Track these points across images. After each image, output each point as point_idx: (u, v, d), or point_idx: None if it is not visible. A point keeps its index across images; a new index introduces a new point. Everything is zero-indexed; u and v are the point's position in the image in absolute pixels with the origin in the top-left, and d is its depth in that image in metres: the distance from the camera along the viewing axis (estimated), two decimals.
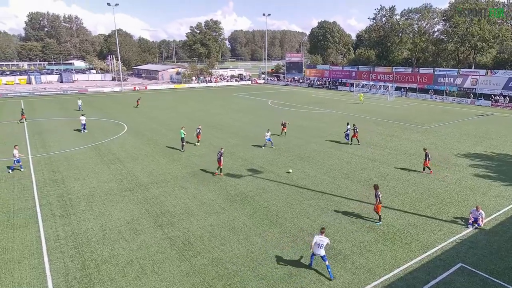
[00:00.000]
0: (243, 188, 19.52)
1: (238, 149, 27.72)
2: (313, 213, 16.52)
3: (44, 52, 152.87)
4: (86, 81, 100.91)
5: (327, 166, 23.55)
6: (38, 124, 37.97)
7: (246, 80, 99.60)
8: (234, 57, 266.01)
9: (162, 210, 16.88)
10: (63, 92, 72.49)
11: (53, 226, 15.27)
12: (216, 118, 41.49)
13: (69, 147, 28.29)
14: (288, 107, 50.61)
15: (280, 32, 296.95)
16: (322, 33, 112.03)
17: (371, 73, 75.69)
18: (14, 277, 11.81)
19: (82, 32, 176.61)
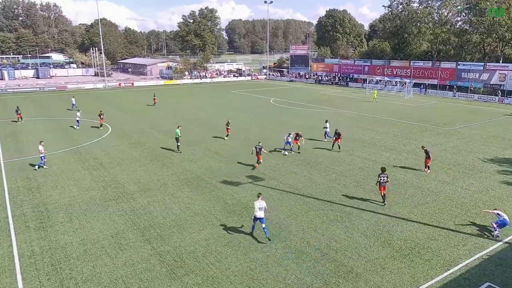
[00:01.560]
0: (242, 197, 19.50)
1: (236, 153, 27.72)
2: (321, 226, 16.49)
3: (18, 44, 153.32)
4: (65, 77, 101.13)
5: (336, 172, 23.54)
6: (12, 125, 38.01)
7: (245, 75, 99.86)
8: (232, 50, 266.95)
9: (151, 222, 16.85)
10: (39, 89, 72.71)
11: (27, 240, 15.25)
12: (211, 118, 41.52)
13: (47, 150, 28.24)
14: (293, 106, 50.68)
15: (283, 21, 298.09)
16: (331, 23, 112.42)
17: (386, 67, 75.90)
18: None
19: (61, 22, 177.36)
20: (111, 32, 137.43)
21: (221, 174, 23.07)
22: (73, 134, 33.65)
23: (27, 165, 24.76)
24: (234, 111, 46.24)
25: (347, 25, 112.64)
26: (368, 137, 32.97)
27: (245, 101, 55.56)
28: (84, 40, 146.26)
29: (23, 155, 27.26)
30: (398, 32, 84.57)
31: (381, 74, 75.01)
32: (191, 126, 36.93)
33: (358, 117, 42.44)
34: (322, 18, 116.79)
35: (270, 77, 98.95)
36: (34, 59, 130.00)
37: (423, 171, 23.54)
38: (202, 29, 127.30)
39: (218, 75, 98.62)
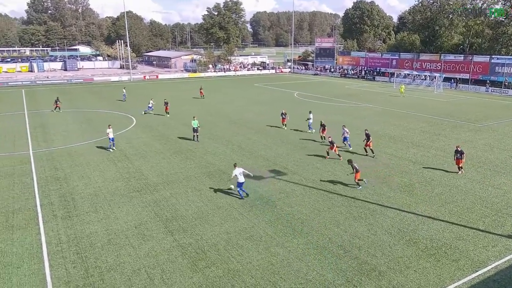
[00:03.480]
0: (264, 191, 19.56)
1: (259, 147, 27.78)
2: (344, 222, 16.37)
3: (47, 37, 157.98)
4: (92, 69, 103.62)
5: (361, 168, 23.13)
6: (40, 116, 39.32)
7: (269, 68, 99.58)
8: (256, 43, 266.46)
9: (173, 214, 17.15)
10: (67, 81, 74.77)
11: (55, 228, 15.81)
12: (234, 111, 41.69)
13: (73, 141, 29.17)
14: (318, 100, 50.25)
15: (309, 13, 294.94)
16: (358, 15, 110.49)
17: (415, 61, 74.11)
18: (13, 283, 12.30)
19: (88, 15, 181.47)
20: (136, 25, 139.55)
21: (243, 167, 23.12)
22: (99, 126, 34.49)
23: (54, 155, 25.60)
24: (257, 104, 46.26)
25: (375, 17, 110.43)
26: (395, 132, 32.36)
27: (269, 95, 55.46)
28: (110, 33, 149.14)
29: (51, 145, 28.18)
30: (429, 24, 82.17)
31: (410, 68, 73.26)
32: (213, 119, 37.20)
33: (385, 112, 41.68)
34: (349, 10, 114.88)
35: (295, 70, 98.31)
36: (62, 51, 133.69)
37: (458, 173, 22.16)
38: (226, 21, 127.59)
39: (242, 68, 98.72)
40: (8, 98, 53.17)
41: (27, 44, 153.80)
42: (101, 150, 26.87)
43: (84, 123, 35.92)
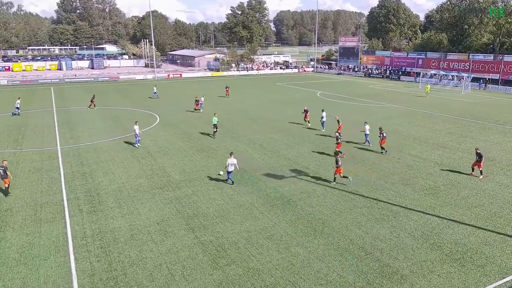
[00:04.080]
0: (285, 191, 19.52)
1: (280, 146, 27.72)
2: (366, 224, 16.15)
3: (75, 36, 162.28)
4: (118, 67, 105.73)
5: (384, 169, 22.90)
6: (68, 113, 40.43)
7: (292, 68, 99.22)
8: (279, 42, 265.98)
9: (195, 211, 17.33)
10: (93, 79, 76.58)
11: (80, 222, 16.24)
12: (256, 110, 41.74)
13: (99, 138, 29.86)
14: (341, 100, 49.74)
15: (333, 12, 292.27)
16: (384, 14, 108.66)
17: (442, 60, 72.36)
18: (40, 274, 12.71)
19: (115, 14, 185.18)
20: (161, 24, 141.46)
21: (264, 166, 23.20)
22: (124, 124, 35.18)
23: (81, 151, 26.28)
24: (279, 103, 46.17)
25: (401, 16, 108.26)
26: (420, 133, 31.69)
27: (291, 94, 55.27)
28: (136, 32, 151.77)
29: (78, 142, 28.93)
30: (457, 23, 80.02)
31: (437, 68, 71.56)
32: (235, 118, 37.34)
33: (409, 113, 40.87)
34: (374, 8, 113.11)
35: (318, 69, 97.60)
36: (90, 50, 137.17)
37: (479, 178, 21.41)
38: (250, 20, 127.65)
39: (265, 67, 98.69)
40: (38, 95, 54.90)
41: (56, 43, 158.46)
42: (125, 147, 27.40)
43: (109, 121, 36.70)
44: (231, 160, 20.07)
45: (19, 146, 27.58)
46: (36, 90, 61.12)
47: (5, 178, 18.76)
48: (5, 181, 18.81)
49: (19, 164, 23.70)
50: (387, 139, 26.58)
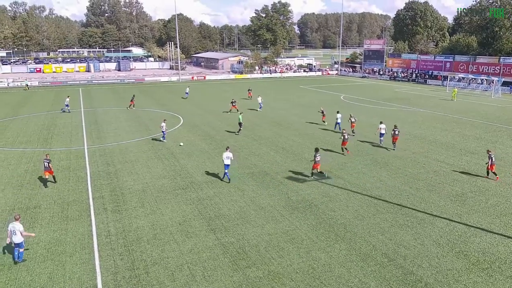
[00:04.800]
0: (307, 195, 19.40)
1: (303, 149, 27.59)
2: (389, 230, 15.85)
3: (103, 39, 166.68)
4: (143, 70, 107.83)
5: (409, 174, 22.44)
6: (95, 114, 41.47)
7: (315, 70, 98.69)
8: (303, 44, 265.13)
9: (216, 213, 17.43)
10: (120, 81, 78.38)
11: (105, 221, 16.60)
12: (279, 113, 41.69)
13: (124, 139, 30.49)
14: (365, 103, 49.10)
15: (358, 15, 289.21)
16: (411, 16, 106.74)
17: (471, 64, 70.43)
18: (66, 270, 13.06)
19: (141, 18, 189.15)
20: (186, 27, 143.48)
21: (286, 169, 23.14)
22: (149, 125, 35.81)
23: (107, 151, 26.89)
24: (302, 106, 45.96)
25: (429, 18, 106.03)
26: (446, 139, 30.90)
27: (314, 97, 54.94)
28: (162, 34, 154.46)
29: (104, 142, 29.62)
30: (487, 25, 77.70)
31: (465, 71, 69.68)
32: (258, 120, 37.40)
33: (437, 117, 39.94)
34: (401, 11, 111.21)
35: (342, 72, 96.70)
36: (117, 52, 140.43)
37: (489, 178, 21.51)
38: (274, 23, 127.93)
39: (288, 70, 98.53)
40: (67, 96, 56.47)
41: (85, 46, 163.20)
42: (149, 148, 27.87)
43: (134, 121, 37.42)
44: (227, 154, 20.89)
45: (49, 145, 28.46)
46: (65, 91, 62.98)
47: (48, 170, 20.47)
48: (49, 172, 20.57)
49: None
50: (399, 137, 27.44)
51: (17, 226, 13.21)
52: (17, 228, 13.18)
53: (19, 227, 13.23)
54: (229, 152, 21.08)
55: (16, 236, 13.15)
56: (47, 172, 20.52)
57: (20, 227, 13.25)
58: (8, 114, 41.07)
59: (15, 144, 29.09)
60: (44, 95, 57.85)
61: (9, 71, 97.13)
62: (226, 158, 20.86)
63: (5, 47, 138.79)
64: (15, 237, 13.15)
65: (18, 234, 13.16)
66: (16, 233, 13.15)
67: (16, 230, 13.17)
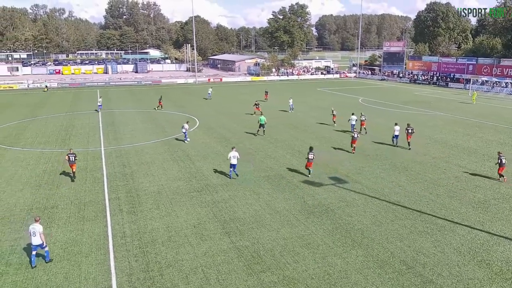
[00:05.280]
0: (323, 199, 19.26)
1: (320, 153, 27.42)
2: (408, 236, 15.60)
3: (121, 41, 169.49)
4: (160, 72, 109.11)
5: (428, 180, 22.06)
6: (112, 115, 42.14)
7: (333, 73, 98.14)
8: (320, 47, 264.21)
9: (231, 216, 17.47)
10: (137, 83, 79.46)
11: (120, 222, 16.81)
12: (295, 116, 41.59)
13: (140, 140, 30.87)
14: (383, 107, 48.55)
15: (377, 16, 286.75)
16: (432, 18, 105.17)
17: (495, 66, 68.98)
18: (82, 271, 13.27)
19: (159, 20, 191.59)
20: (203, 29, 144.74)
21: (302, 173, 23.02)
22: (165, 126, 36.18)
23: (123, 153, 27.27)
24: (319, 109, 45.71)
25: (451, 20, 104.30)
26: (468, 143, 30.28)
27: (332, 100, 54.59)
28: (179, 36, 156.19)
29: (120, 143, 30.05)
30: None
31: (489, 74, 68.29)
32: (274, 123, 37.34)
33: (457, 121, 39.19)
34: (422, 12, 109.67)
35: (360, 75, 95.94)
36: (134, 54, 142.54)
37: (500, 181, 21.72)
38: (291, 25, 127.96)
39: (305, 72, 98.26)
40: (85, 97, 57.65)
41: (103, 48, 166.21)
42: (165, 150, 28.14)
43: (150, 123, 37.86)
44: (233, 153, 21.75)
45: (66, 146, 28.99)
46: (83, 92, 64.24)
47: (73, 164, 21.80)
48: (73, 166, 21.86)
49: (65, 163, 24.85)
50: (412, 136, 28.22)
51: (37, 228, 13.45)
52: (37, 230, 13.42)
53: (39, 228, 13.48)
54: (235, 152, 21.90)
55: (35, 237, 13.39)
56: (72, 166, 21.93)
57: (40, 229, 13.49)
58: (28, 115, 42.09)
59: (34, 144, 29.78)
60: (63, 97, 59.09)
61: (29, 72, 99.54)
62: (232, 158, 21.66)
63: (25, 49, 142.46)
64: (34, 238, 13.38)
65: (37, 236, 13.40)
66: (35, 234, 13.39)
67: (36, 231, 13.40)
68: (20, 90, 68.56)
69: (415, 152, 27.53)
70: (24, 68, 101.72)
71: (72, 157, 21.72)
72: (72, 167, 21.93)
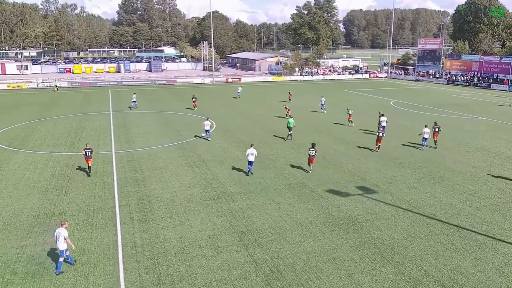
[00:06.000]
0: (350, 211, 19.07)
1: (346, 159, 27.20)
2: (444, 254, 15.27)
3: (135, 38, 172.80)
4: (175, 71, 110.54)
5: (468, 191, 21.58)
6: (124, 117, 42.90)
7: (362, 73, 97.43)
8: (348, 44, 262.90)
9: (249, 227, 17.47)
10: (151, 82, 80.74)
11: (131, 231, 17.04)
12: (319, 119, 41.38)
13: (153, 144, 31.28)
14: (418, 110, 47.83)
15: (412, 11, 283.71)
16: (473, 12, 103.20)
17: None
18: (89, 282, 13.49)
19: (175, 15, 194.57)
20: (222, 25, 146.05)
21: (327, 181, 22.87)
22: (179, 129, 36.58)
23: (135, 157, 27.68)
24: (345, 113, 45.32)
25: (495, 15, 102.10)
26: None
27: (360, 102, 54.17)
28: (195, 33, 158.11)
29: (132, 146, 30.53)
30: None
31: None
32: (297, 126, 37.20)
33: (502, 127, 38.24)
34: (462, 6, 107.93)
35: (392, 75, 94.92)
36: (148, 52, 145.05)
37: None
38: (317, 21, 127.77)
39: (332, 72, 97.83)
40: (96, 97, 58.92)
41: (116, 45, 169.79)
42: (179, 154, 28.42)
43: (164, 125, 38.34)
44: (251, 150, 23.49)
45: (76, 149, 29.66)
46: (94, 92, 65.64)
47: (89, 158, 23.71)
48: (89, 161, 23.77)
49: (74, 167, 25.49)
50: (439, 134, 29.75)
51: (62, 232, 13.98)
52: (61, 234, 13.94)
53: (64, 233, 14.01)
54: (253, 149, 23.62)
55: (59, 242, 13.89)
56: (88, 160, 23.78)
57: (65, 233, 14.02)
58: (37, 116, 43.27)
59: (42, 147, 30.56)
60: (73, 96, 60.53)
61: (38, 71, 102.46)
62: (250, 155, 23.43)
63: (35, 46, 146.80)
64: (59, 243, 13.91)
65: (61, 240, 13.89)
66: (59, 239, 13.90)
67: (60, 236, 13.92)
68: (29, 90, 70.61)
69: (453, 160, 27.00)
70: (34, 66, 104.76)
71: (89, 152, 23.63)
72: (88, 161, 23.77)
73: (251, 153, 23.43)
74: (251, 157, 23.44)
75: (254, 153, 23.47)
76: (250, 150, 23.57)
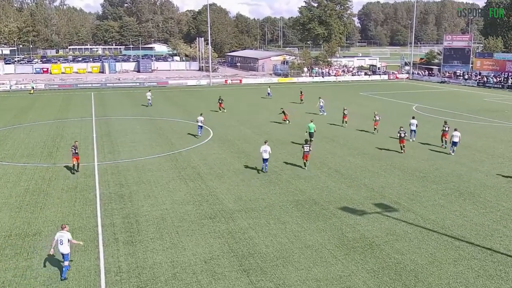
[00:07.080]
0: (366, 231, 19.02)
1: (362, 173, 27.18)
2: (475, 281, 15.20)
3: (121, 34, 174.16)
4: (167, 71, 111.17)
5: (502, 210, 21.51)
6: (108, 123, 43.07)
7: (380, 73, 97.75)
8: (364, 41, 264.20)
9: (251, 249, 17.43)
10: (139, 84, 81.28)
11: (115, 254, 17.00)
12: (332, 126, 41.44)
13: (141, 154, 31.35)
14: (444, 116, 47.80)
15: (436, 4, 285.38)
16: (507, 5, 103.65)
17: None
18: None
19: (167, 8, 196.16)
20: (220, 20, 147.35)
21: (340, 198, 22.84)
22: (171, 137, 36.69)
23: (120, 169, 27.74)
24: (361, 118, 45.40)
25: None
26: None
27: (378, 107, 54.13)
28: (190, 29, 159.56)
29: (117, 157, 30.59)
30: None
31: None
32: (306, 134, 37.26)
33: None
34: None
35: (414, 76, 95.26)
36: (136, 50, 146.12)
37: None
38: (328, 15, 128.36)
39: (345, 72, 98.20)
40: (77, 101, 59.26)
41: (100, 42, 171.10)
42: (171, 166, 28.47)
43: (153, 133, 38.47)
44: (264, 147, 26.16)
45: (53, 160, 29.75)
46: (75, 95, 66.00)
47: (76, 156, 26.26)
48: (76, 159, 26.31)
49: (51, 181, 25.53)
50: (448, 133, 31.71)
51: (65, 235, 14.92)
52: (65, 237, 14.90)
53: (67, 235, 14.95)
54: (267, 146, 26.37)
55: (63, 246, 14.86)
56: (74, 158, 26.18)
57: (68, 235, 14.98)
58: (10, 122, 43.51)
59: (15, 157, 30.67)
60: (51, 100, 60.89)
61: (12, 71, 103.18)
62: (264, 152, 26.12)
63: (8, 43, 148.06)
64: (62, 247, 14.78)
65: (65, 244, 14.88)
66: (63, 242, 14.87)
67: (64, 239, 14.83)
68: (1, 93, 71.03)
69: (485, 173, 26.96)
70: (6, 66, 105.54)
71: (73, 149, 26.29)
72: (76, 159, 26.24)
73: (265, 150, 25.98)
74: (265, 154, 25.98)
75: (268, 150, 26.03)
76: (264, 147, 26.13)
